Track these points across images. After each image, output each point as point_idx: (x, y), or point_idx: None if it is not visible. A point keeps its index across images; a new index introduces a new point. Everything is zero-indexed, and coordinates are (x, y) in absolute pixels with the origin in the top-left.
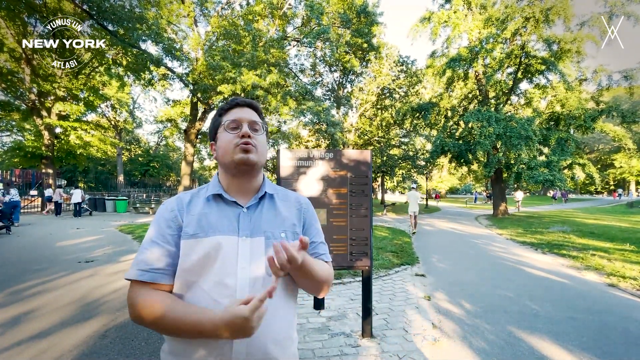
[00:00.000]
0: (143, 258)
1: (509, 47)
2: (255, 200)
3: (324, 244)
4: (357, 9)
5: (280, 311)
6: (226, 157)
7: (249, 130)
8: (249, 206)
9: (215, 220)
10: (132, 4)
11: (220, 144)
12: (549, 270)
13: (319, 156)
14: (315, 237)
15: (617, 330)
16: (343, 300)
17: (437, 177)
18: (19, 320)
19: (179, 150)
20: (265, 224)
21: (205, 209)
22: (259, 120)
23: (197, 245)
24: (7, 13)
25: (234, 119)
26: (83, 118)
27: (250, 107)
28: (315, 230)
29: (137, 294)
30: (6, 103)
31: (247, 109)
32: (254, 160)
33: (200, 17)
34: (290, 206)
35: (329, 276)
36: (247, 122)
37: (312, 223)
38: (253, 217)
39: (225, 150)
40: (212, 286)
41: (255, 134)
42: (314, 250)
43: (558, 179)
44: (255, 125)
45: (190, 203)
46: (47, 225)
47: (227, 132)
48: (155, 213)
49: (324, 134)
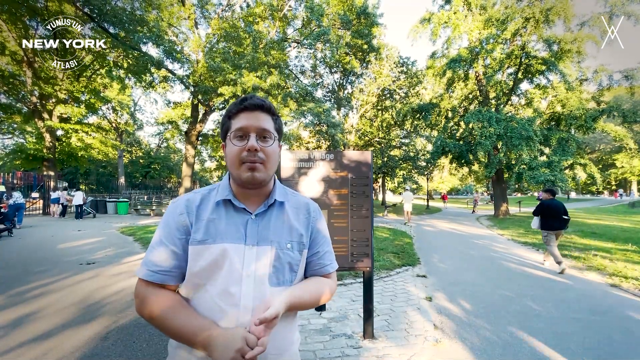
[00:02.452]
0: (152, 258)
1: (509, 48)
2: (265, 208)
3: (331, 252)
4: (357, 10)
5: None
6: (233, 170)
7: (256, 143)
8: (257, 213)
9: (224, 227)
10: (133, 7)
11: (227, 153)
12: (551, 271)
13: (320, 157)
14: (322, 247)
15: (620, 331)
16: (344, 301)
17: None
18: (20, 322)
19: (179, 152)
20: (273, 233)
21: (214, 214)
22: (270, 126)
23: (205, 252)
24: (8, 16)
25: (241, 126)
26: (84, 120)
27: (261, 111)
28: (322, 239)
29: (144, 291)
30: (8, 106)
31: (257, 114)
32: (260, 179)
33: (201, 19)
34: (299, 214)
35: (323, 294)
36: (255, 131)
37: (319, 231)
38: (261, 225)
39: (232, 163)
40: (217, 293)
41: (264, 144)
42: (319, 260)
43: (559, 179)
44: (265, 133)
45: (200, 207)
46: (49, 227)
47: (233, 143)
48: (165, 212)
49: (324, 135)
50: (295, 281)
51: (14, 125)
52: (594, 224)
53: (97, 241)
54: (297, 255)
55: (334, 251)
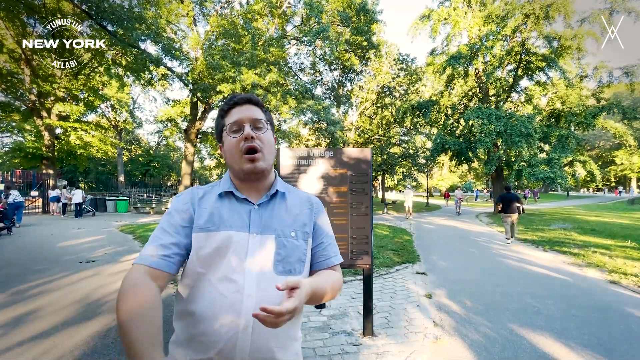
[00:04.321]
0: (152, 245)
1: (509, 44)
2: (267, 198)
3: (335, 245)
4: (356, 7)
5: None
6: (234, 164)
7: (251, 131)
8: (260, 203)
9: (227, 215)
10: (131, 4)
11: (225, 149)
12: (551, 268)
13: (319, 155)
14: (326, 238)
15: (619, 327)
16: (344, 298)
17: (437, 175)
18: (21, 320)
19: (179, 150)
20: (276, 222)
21: (217, 203)
22: (261, 116)
23: (209, 239)
24: (6, 14)
25: (235, 120)
26: (83, 118)
27: (250, 103)
28: (326, 231)
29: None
30: (6, 104)
31: (247, 106)
32: (262, 168)
33: (200, 17)
34: (301, 205)
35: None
36: (248, 121)
37: (323, 223)
38: (264, 214)
39: (231, 156)
40: (219, 280)
41: (259, 132)
42: (324, 251)
43: (559, 176)
44: (258, 123)
45: (203, 198)
46: (48, 225)
47: (230, 136)
48: (170, 204)
49: (324, 132)
50: (304, 271)
51: (13, 123)
52: (593, 220)
53: (96, 239)
54: (302, 243)
55: None
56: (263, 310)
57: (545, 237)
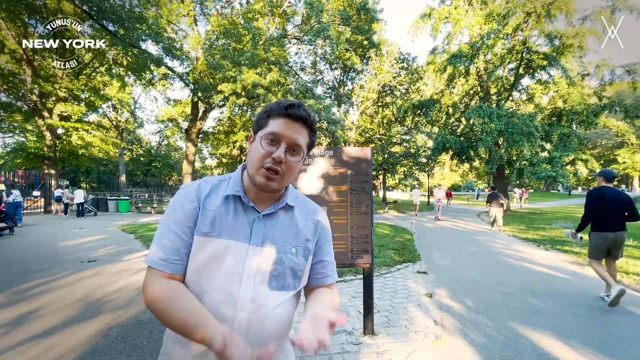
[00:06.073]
0: (163, 247)
1: (510, 43)
2: (274, 209)
3: (334, 263)
4: (357, 6)
5: (281, 307)
6: (250, 169)
7: (283, 155)
8: (265, 213)
9: (230, 222)
10: (131, 4)
11: (252, 149)
12: (552, 267)
13: (319, 154)
14: (326, 256)
15: (620, 326)
16: (344, 298)
17: (438, 174)
18: (22, 319)
19: (180, 149)
20: (279, 235)
21: (221, 207)
22: (303, 142)
23: (207, 245)
24: (7, 14)
25: (276, 132)
26: (84, 118)
27: (302, 124)
28: (328, 249)
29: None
30: (8, 104)
31: (297, 126)
32: (274, 189)
33: (200, 16)
34: (307, 219)
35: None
36: (287, 143)
37: (325, 240)
38: (267, 226)
39: (252, 160)
40: (214, 291)
41: (291, 158)
42: (323, 269)
43: (560, 175)
44: (296, 148)
45: (209, 197)
46: (50, 225)
47: (262, 144)
48: (175, 196)
49: (324, 132)
50: (299, 287)
51: (15, 123)
52: None
53: (98, 239)
54: (301, 260)
55: (334, 248)
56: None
57: (546, 235)
